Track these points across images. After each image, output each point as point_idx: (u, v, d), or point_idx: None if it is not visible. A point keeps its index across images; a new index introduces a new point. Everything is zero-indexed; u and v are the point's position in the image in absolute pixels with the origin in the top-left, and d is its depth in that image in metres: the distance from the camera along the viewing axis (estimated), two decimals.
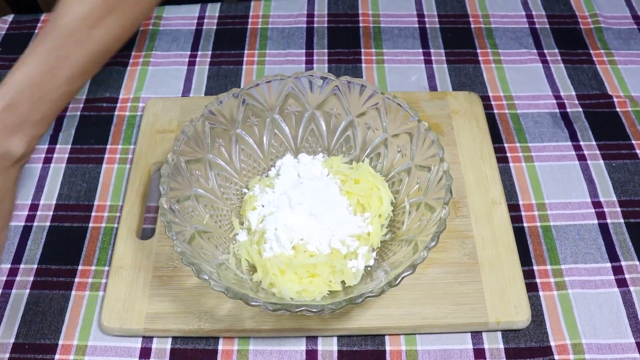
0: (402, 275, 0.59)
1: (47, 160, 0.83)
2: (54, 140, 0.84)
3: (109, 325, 0.67)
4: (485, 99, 0.88)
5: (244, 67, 0.93)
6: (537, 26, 0.97)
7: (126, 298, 0.69)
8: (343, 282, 0.68)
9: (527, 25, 0.97)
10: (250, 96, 0.73)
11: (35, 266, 0.73)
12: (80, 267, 0.73)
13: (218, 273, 0.62)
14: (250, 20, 0.99)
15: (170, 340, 0.68)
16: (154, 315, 0.68)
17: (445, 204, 0.63)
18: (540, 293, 0.71)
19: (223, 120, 0.72)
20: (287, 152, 0.78)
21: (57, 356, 0.67)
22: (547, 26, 0.97)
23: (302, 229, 0.69)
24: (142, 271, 0.71)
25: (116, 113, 0.87)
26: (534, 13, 0.99)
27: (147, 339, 0.68)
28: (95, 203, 0.79)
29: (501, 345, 0.67)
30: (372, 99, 0.72)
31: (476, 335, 0.68)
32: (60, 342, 0.68)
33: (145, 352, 0.67)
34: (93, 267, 0.73)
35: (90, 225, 0.77)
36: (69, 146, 0.84)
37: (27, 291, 0.71)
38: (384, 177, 0.74)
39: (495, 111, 0.87)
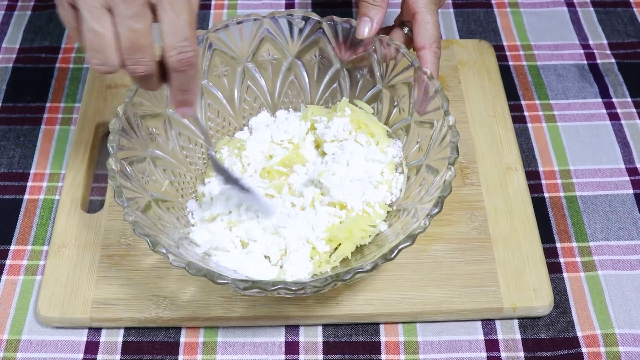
0: (399, 247, 0.58)
1: None
2: None
3: (48, 315, 0.66)
4: (498, 49, 0.88)
5: (212, 11, 0.92)
6: None
7: (68, 282, 0.68)
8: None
9: None
10: (218, 40, 0.72)
11: None
12: (12, 247, 0.72)
13: (179, 248, 0.61)
14: None
15: (122, 331, 0.67)
16: (102, 302, 0.66)
17: (451, 165, 0.62)
18: (565, 275, 0.71)
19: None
20: (263, 109, 0.77)
21: None
22: None
23: None
24: (88, 250, 0.69)
25: (57, 65, 0.86)
26: None
27: (94, 330, 0.67)
28: (32, 171, 0.77)
29: (518, 336, 0.67)
30: (363, 43, 0.71)
31: (488, 324, 0.67)
32: None
33: (91, 347, 0.66)
34: (29, 247, 0.72)
35: (26, 197, 0.75)
36: None
37: None
38: None
39: (510, 63, 0.87)
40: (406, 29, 0.73)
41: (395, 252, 0.58)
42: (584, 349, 0.66)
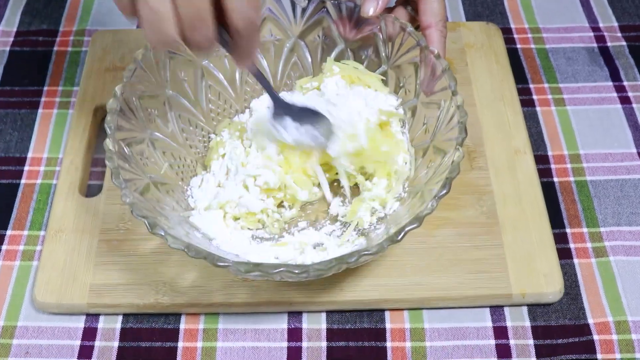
0: (406, 229, 0.56)
1: None
2: None
3: (44, 301, 0.64)
4: (506, 32, 0.85)
5: None
6: None
7: (66, 267, 0.66)
8: None
9: None
10: None
11: None
12: (9, 232, 0.70)
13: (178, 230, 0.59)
14: None
15: (120, 318, 0.65)
16: (100, 288, 0.65)
17: (459, 145, 0.60)
18: (575, 260, 0.69)
19: (186, 49, 0.69)
20: (265, 91, 0.75)
21: None
22: None
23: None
24: (86, 235, 0.68)
25: (55, 48, 0.84)
26: None
27: (92, 316, 0.65)
28: (29, 155, 0.75)
29: (527, 323, 0.65)
30: (368, 22, 0.69)
31: (497, 311, 0.65)
32: None
33: (89, 333, 0.64)
34: (25, 232, 0.70)
35: (23, 181, 0.74)
36: None
37: None
38: None
39: (518, 46, 0.85)
40: (409, 8, 0.71)
41: (402, 234, 0.56)
42: (595, 337, 0.64)
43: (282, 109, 0.66)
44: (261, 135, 0.68)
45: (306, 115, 0.66)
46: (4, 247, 0.69)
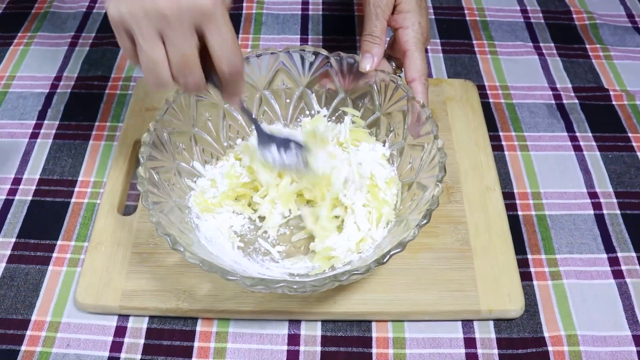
0: (391, 253, 0.51)
1: (34, 136, 0.75)
2: (42, 116, 0.77)
3: (84, 302, 0.60)
4: (481, 88, 0.81)
5: None
6: (532, 20, 0.90)
7: (103, 273, 0.61)
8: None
9: (522, 20, 0.90)
10: None
11: (13, 240, 0.65)
12: (59, 242, 0.65)
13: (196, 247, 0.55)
14: (244, 4, 0.92)
15: (146, 319, 0.60)
16: (130, 292, 0.60)
17: (439, 182, 0.55)
18: (534, 282, 0.63)
19: (211, 93, 0.65)
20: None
21: (28, 332, 0.59)
22: (542, 21, 0.90)
23: None
24: (121, 247, 0.63)
25: (107, 91, 0.80)
26: (528, 8, 0.92)
27: (123, 317, 0.60)
28: (79, 179, 0.71)
29: (493, 335, 0.59)
30: (365, 76, 0.65)
31: (467, 324, 0.60)
32: (33, 318, 0.60)
33: (120, 331, 0.59)
34: (72, 243, 0.65)
35: (73, 200, 0.69)
36: (57, 122, 0.76)
37: (3, 265, 0.64)
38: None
39: (490, 100, 0.80)
40: (392, 63, 0.67)
41: (388, 257, 0.51)
42: (549, 348, 0.58)
43: (267, 138, 0.62)
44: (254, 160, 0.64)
45: (287, 144, 0.61)
46: (54, 254, 0.64)
